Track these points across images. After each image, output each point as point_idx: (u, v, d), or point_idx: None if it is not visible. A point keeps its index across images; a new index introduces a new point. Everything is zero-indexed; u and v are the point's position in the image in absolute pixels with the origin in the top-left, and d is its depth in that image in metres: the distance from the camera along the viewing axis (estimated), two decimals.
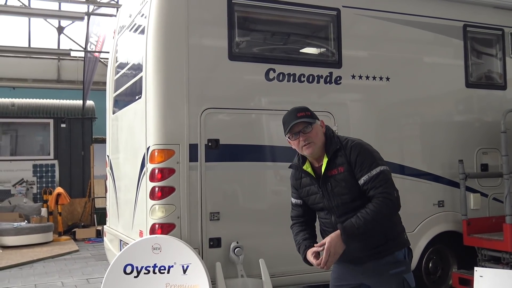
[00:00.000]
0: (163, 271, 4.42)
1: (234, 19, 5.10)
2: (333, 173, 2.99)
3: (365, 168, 2.91)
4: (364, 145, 3.02)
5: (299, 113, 3.03)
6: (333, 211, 3.02)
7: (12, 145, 14.20)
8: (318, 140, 3.01)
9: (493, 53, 6.66)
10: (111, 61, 6.89)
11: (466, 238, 5.82)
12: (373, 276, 3.05)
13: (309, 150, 3.00)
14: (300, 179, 3.17)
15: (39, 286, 7.63)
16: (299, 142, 3.01)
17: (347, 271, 3.16)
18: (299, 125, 3.00)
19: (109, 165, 6.76)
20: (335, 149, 3.00)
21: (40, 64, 16.50)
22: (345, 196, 2.97)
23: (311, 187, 3.10)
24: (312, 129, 3.00)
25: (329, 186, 3.00)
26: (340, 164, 2.97)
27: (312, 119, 3.03)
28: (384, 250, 3.00)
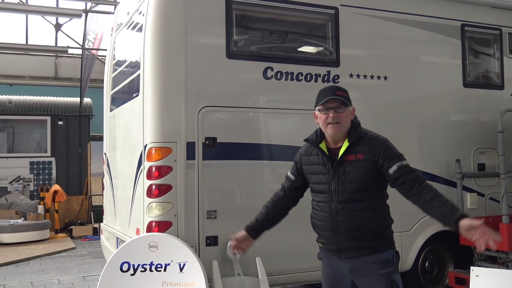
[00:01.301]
0: (160, 269, 4.42)
1: (232, 17, 5.09)
2: (349, 159, 3.03)
3: (395, 159, 2.98)
4: (388, 141, 3.09)
5: (338, 91, 3.08)
6: (335, 197, 3.04)
7: (9, 142, 14.16)
8: (345, 124, 3.06)
9: (490, 53, 6.66)
10: (108, 59, 6.87)
11: (463, 238, 5.80)
12: (361, 275, 3.06)
13: (334, 129, 3.04)
14: (310, 155, 3.20)
15: (36, 284, 7.62)
16: (327, 117, 3.04)
17: (336, 268, 3.18)
18: (334, 102, 3.04)
19: (106, 163, 6.75)
20: (359, 136, 3.06)
21: (37, 61, 16.48)
22: (354, 184, 3.00)
23: (320, 167, 3.12)
24: (344, 110, 3.05)
25: (342, 170, 3.03)
26: (360, 152, 3.01)
27: (348, 102, 3.08)
28: (374, 247, 3.04)
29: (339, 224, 3.04)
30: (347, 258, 3.08)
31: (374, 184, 3.04)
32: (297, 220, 5.17)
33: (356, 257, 3.05)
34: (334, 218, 3.05)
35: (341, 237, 3.04)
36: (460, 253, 5.98)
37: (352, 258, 3.06)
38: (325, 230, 3.13)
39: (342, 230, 3.04)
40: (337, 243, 3.06)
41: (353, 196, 3.01)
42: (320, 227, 3.17)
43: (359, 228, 3.01)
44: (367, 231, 3.02)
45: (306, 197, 5.40)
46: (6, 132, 14.18)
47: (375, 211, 3.05)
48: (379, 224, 3.06)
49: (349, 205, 3.01)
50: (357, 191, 3.01)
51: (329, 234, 3.10)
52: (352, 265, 3.07)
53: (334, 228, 3.05)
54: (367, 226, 3.02)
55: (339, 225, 3.04)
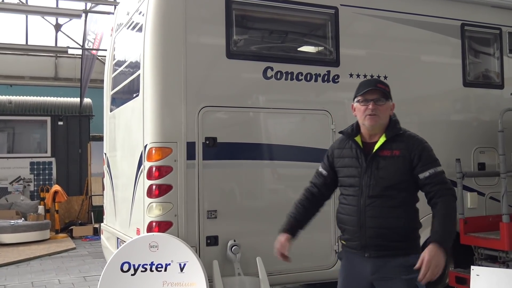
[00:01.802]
0: (160, 269, 4.42)
1: (232, 17, 5.10)
2: (385, 154, 2.99)
3: (430, 163, 2.94)
4: (427, 143, 3.06)
5: (380, 84, 3.07)
6: (365, 191, 2.98)
7: (9, 142, 14.16)
8: (384, 118, 3.04)
9: (490, 52, 6.66)
10: (108, 59, 6.88)
11: (463, 237, 5.82)
12: (383, 279, 2.97)
13: (371, 121, 3.00)
14: (343, 148, 3.15)
15: (36, 284, 7.62)
16: (366, 109, 3.01)
17: (355, 270, 3.08)
18: (374, 93, 3.01)
19: (106, 163, 6.75)
20: (397, 133, 3.03)
21: (37, 62, 16.48)
22: (386, 180, 2.95)
23: (352, 160, 3.07)
24: (384, 104, 3.03)
25: (376, 164, 2.98)
26: (397, 149, 2.98)
27: (389, 96, 3.06)
28: (400, 248, 2.96)
29: (366, 219, 2.96)
30: (370, 257, 2.98)
31: (407, 183, 2.98)
32: None
33: (380, 257, 2.96)
34: (361, 213, 2.98)
35: (366, 233, 2.96)
36: (460, 253, 5.98)
37: (376, 258, 2.97)
38: (351, 224, 3.04)
39: (368, 226, 2.96)
40: (362, 239, 2.98)
41: (384, 192, 2.95)
42: (346, 222, 3.08)
43: (387, 225, 2.94)
44: (394, 230, 2.93)
45: None
46: (6, 132, 14.18)
47: (405, 211, 2.98)
48: (407, 225, 2.98)
49: (379, 201, 2.95)
50: (389, 187, 2.95)
51: (355, 229, 3.02)
52: (375, 266, 2.97)
53: (361, 223, 2.98)
54: (394, 225, 2.94)
55: (366, 220, 2.96)
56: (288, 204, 5.15)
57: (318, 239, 5.26)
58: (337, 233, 5.24)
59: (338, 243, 5.26)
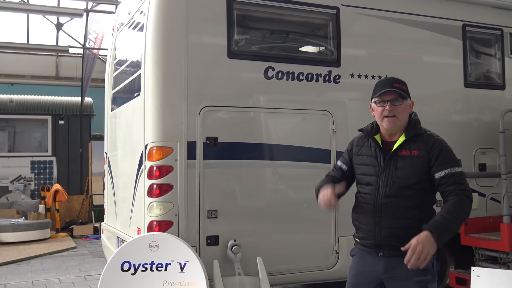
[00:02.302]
0: (161, 269, 4.42)
1: (233, 17, 5.09)
2: (404, 153, 2.96)
3: (448, 163, 2.89)
4: (446, 143, 3.00)
5: (397, 83, 3.01)
6: (382, 190, 2.96)
7: (10, 141, 14.17)
8: (402, 118, 2.99)
9: (492, 53, 6.66)
10: (109, 58, 6.88)
11: (464, 238, 5.82)
12: (395, 279, 2.95)
13: (390, 123, 2.97)
14: (362, 146, 3.13)
15: (36, 283, 7.63)
16: (383, 110, 2.97)
17: (367, 268, 3.06)
18: (391, 94, 2.97)
19: (107, 162, 6.76)
20: (417, 132, 2.99)
21: (38, 61, 16.50)
22: (403, 180, 2.93)
23: (371, 158, 3.05)
24: (402, 103, 2.97)
25: (394, 164, 2.96)
26: (416, 149, 2.94)
27: (406, 95, 3.00)
28: None
29: (381, 218, 2.95)
30: (383, 256, 2.96)
31: (424, 184, 2.94)
32: (298, 220, 5.20)
33: (393, 257, 2.91)
34: (377, 212, 2.96)
35: (381, 232, 2.94)
36: (461, 254, 5.98)
37: (389, 258, 2.94)
38: (366, 223, 3.03)
39: (383, 225, 2.95)
40: (376, 238, 2.96)
41: (401, 192, 2.93)
42: (361, 220, 3.07)
43: (402, 226, 2.90)
44: (409, 231, 2.82)
45: (307, 197, 5.39)
46: (7, 131, 14.19)
47: (421, 212, 2.94)
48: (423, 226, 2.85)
49: (395, 200, 2.92)
50: (406, 187, 2.92)
51: (369, 228, 3.00)
52: (388, 265, 2.95)
53: (376, 222, 2.97)
54: (410, 225, 2.88)
55: (381, 219, 2.95)
56: (289, 204, 5.21)
57: (318, 240, 5.26)
58: (338, 234, 5.26)
59: (338, 243, 5.26)
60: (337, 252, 5.26)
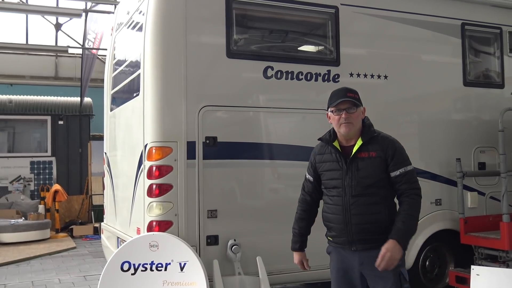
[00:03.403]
0: (160, 269, 4.42)
1: (232, 16, 5.09)
2: (363, 156, 3.24)
3: (401, 163, 3.23)
4: (399, 143, 3.33)
5: (350, 93, 3.29)
6: (348, 191, 3.23)
7: (9, 142, 14.17)
8: (357, 123, 3.28)
9: (491, 52, 6.66)
10: (109, 58, 6.88)
11: (463, 237, 5.83)
12: (370, 268, 3.20)
13: (346, 129, 3.25)
14: (324, 154, 3.40)
15: (36, 283, 7.63)
16: (340, 118, 3.25)
17: (345, 261, 3.35)
18: (345, 103, 3.25)
19: (106, 163, 6.75)
20: (372, 136, 3.28)
21: (37, 61, 16.49)
22: (367, 180, 3.21)
23: (333, 163, 3.32)
24: (356, 111, 3.27)
25: (355, 166, 3.23)
26: (373, 150, 3.23)
27: (359, 103, 3.29)
28: (383, 240, 3.16)
29: (351, 217, 3.22)
30: (357, 250, 3.25)
31: (385, 181, 3.24)
32: None
33: (365, 250, 3.22)
34: (347, 211, 3.23)
35: (352, 229, 3.22)
36: (460, 252, 5.98)
37: (362, 251, 3.23)
38: (337, 222, 3.29)
39: (354, 223, 3.22)
40: (348, 235, 3.24)
41: (365, 190, 3.21)
42: (333, 220, 3.32)
43: (370, 221, 3.20)
44: (377, 225, 3.20)
45: None
46: (6, 132, 14.19)
47: (385, 206, 3.25)
48: (388, 219, 3.23)
49: (362, 199, 3.20)
50: (370, 186, 3.21)
51: (341, 227, 3.27)
52: (362, 257, 3.24)
53: (346, 221, 3.24)
54: (377, 219, 3.21)
55: (351, 217, 3.22)
56: (288, 204, 5.19)
57: (318, 239, 5.24)
58: None
59: None
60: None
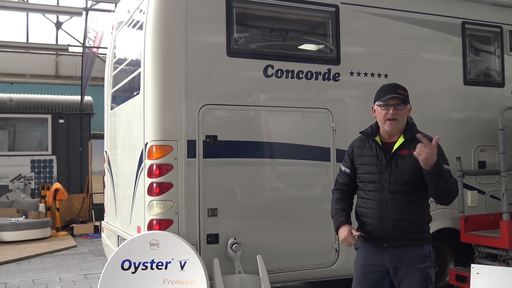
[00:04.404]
0: (161, 267, 4.42)
1: (233, 15, 5.09)
2: (403, 153, 3.25)
3: (442, 161, 3.19)
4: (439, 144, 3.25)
5: (400, 90, 3.31)
6: (386, 186, 3.24)
7: (10, 140, 14.18)
8: (402, 121, 3.30)
9: (491, 51, 6.65)
10: (109, 57, 6.88)
11: (463, 235, 5.83)
12: (399, 267, 3.22)
13: (391, 126, 3.27)
14: (363, 147, 3.40)
15: (37, 282, 7.64)
16: (386, 113, 3.25)
17: (372, 259, 3.32)
18: (395, 100, 3.26)
19: (107, 161, 6.76)
20: (414, 134, 3.27)
21: (38, 60, 16.49)
22: (405, 176, 3.21)
23: (373, 158, 3.32)
24: (403, 108, 3.28)
25: (395, 162, 3.25)
26: (414, 148, 3.14)
27: (407, 101, 3.30)
28: (416, 239, 3.23)
29: (387, 213, 3.23)
30: (388, 247, 3.24)
31: (423, 180, 3.18)
32: (298, 218, 5.21)
33: (397, 247, 3.22)
34: (383, 206, 3.24)
35: (387, 225, 3.22)
36: (460, 251, 5.99)
37: (394, 248, 3.23)
38: (372, 217, 3.29)
39: (389, 219, 3.22)
40: (382, 230, 3.23)
41: (403, 187, 3.21)
42: (367, 215, 3.32)
43: (406, 218, 3.21)
44: (412, 222, 3.23)
45: (307, 195, 5.40)
46: (7, 130, 14.20)
47: (421, 205, 3.29)
48: (422, 218, 3.29)
49: (399, 195, 3.21)
50: (407, 183, 3.21)
51: (376, 222, 3.26)
52: (393, 255, 3.24)
53: (382, 216, 3.24)
54: (412, 217, 3.23)
55: (387, 213, 3.23)
56: (288, 202, 5.21)
57: (318, 237, 5.27)
58: None
59: (338, 241, 5.25)
60: (337, 250, 5.26)
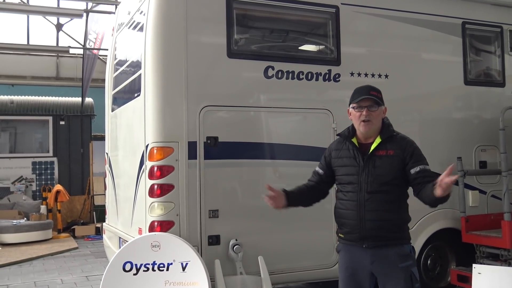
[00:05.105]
0: (162, 269, 4.43)
1: (233, 16, 5.10)
2: (381, 153, 3.27)
3: (420, 161, 3.26)
4: (416, 144, 3.37)
5: (373, 91, 3.32)
6: (363, 187, 3.24)
7: (11, 142, 14.19)
8: (377, 122, 3.31)
9: (491, 50, 6.66)
10: (110, 59, 6.89)
11: (465, 235, 5.83)
12: (382, 267, 3.23)
13: (366, 127, 3.28)
14: (341, 149, 3.42)
15: (39, 284, 7.64)
16: (360, 115, 3.27)
17: (355, 261, 3.32)
18: (368, 101, 3.27)
19: (108, 163, 6.77)
20: (390, 134, 3.33)
21: (39, 61, 16.50)
22: (383, 177, 3.22)
23: (350, 159, 3.34)
24: (377, 109, 3.28)
25: (372, 163, 3.26)
26: (391, 149, 3.27)
27: (381, 102, 3.31)
28: (395, 238, 3.24)
29: (366, 213, 3.23)
30: (368, 247, 3.23)
31: (400, 180, 3.26)
32: (299, 219, 5.21)
33: (377, 247, 3.22)
34: (361, 207, 3.24)
35: (366, 225, 3.22)
36: (462, 251, 5.99)
37: (374, 248, 3.22)
38: (350, 218, 3.29)
39: (368, 219, 3.22)
40: (361, 231, 3.23)
41: (381, 187, 3.22)
42: (346, 216, 3.32)
43: (384, 218, 3.21)
44: (391, 222, 3.23)
45: None
46: (8, 132, 14.21)
47: (399, 205, 3.30)
48: (401, 217, 3.30)
49: (377, 196, 3.21)
50: (386, 183, 3.22)
51: (355, 223, 3.26)
52: (374, 255, 3.23)
53: (361, 216, 3.24)
54: (391, 217, 3.23)
55: (366, 213, 3.23)
56: None
57: (319, 238, 5.27)
58: None
59: None
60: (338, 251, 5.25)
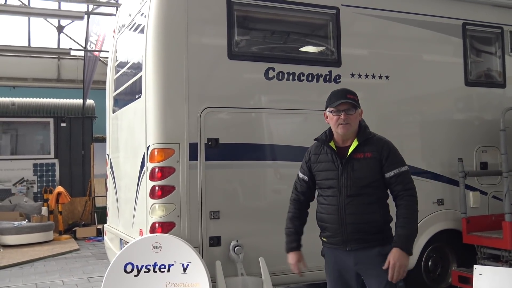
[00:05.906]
0: (163, 270, 4.43)
1: (234, 18, 5.10)
2: (358, 156, 3.28)
3: (396, 164, 3.27)
4: (393, 145, 3.38)
5: (349, 94, 3.33)
6: (343, 191, 3.26)
7: (12, 144, 14.20)
8: (354, 125, 3.32)
9: (492, 51, 6.66)
10: (111, 60, 6.90)
11: (466, 236, 5.83)
12: (366, 268, 3.27)
13: (344, 129, 3.28)
14: (319, 154, 3.42)
15: (40, 285, 7.65)
16: (338, 118, 3.28)
17: (340, 262, 3.36)
18: (345, 105, 3.29)
19: (109, 164, 6.77)
20: (367, 137, 3.33)
21: (40, 63, 16.51)
22: (362, 180, 3.24)
23: (329, 163, 3.35)
24: (354, 113, 3.30)
25: (351, 166, 3.27)
26: (369, 151, 3.28)
27: (358, 105, 3.34)
28: (377, 239, 3.25)
29: (346, 216, 3.25)
30: (351, 250, 3.27)
31: (380, 181, 3.28)
32: None
33: (360, 249, 3.25)
34: (341, 211, 3.26)
35: (347, 229, 3.24)
36: (463, 252, 5.98)
37: (356, 250, 3.26)
38: (332, 222, 3.32)
39: (349, 222, 3.24)
40: (343, 235, 3.26)
41: (360, 190, 3.24)
42: (327, 220, 3.35)
43: (365, 220, 3.23)
44: (372, 224, 3.24)
45: None
46: (9, 134, 14.23)
47: (379, 206, 3.29)
48: (382, 219, 3.29)
49: (357, 199, 3.23)
50: (365, 186, 3.24)
51: (336, 227, 3.29)
52: (357, 257, 3.27)
53: (341, 220, 3.26)
54: (372, 219, 3.24)
55: (346, 217, 3.25)
56: None
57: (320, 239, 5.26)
58: None
59: None
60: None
